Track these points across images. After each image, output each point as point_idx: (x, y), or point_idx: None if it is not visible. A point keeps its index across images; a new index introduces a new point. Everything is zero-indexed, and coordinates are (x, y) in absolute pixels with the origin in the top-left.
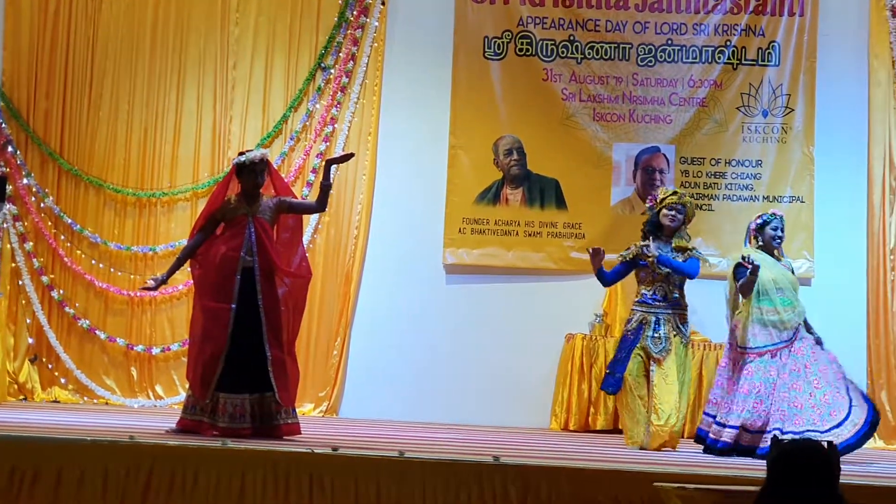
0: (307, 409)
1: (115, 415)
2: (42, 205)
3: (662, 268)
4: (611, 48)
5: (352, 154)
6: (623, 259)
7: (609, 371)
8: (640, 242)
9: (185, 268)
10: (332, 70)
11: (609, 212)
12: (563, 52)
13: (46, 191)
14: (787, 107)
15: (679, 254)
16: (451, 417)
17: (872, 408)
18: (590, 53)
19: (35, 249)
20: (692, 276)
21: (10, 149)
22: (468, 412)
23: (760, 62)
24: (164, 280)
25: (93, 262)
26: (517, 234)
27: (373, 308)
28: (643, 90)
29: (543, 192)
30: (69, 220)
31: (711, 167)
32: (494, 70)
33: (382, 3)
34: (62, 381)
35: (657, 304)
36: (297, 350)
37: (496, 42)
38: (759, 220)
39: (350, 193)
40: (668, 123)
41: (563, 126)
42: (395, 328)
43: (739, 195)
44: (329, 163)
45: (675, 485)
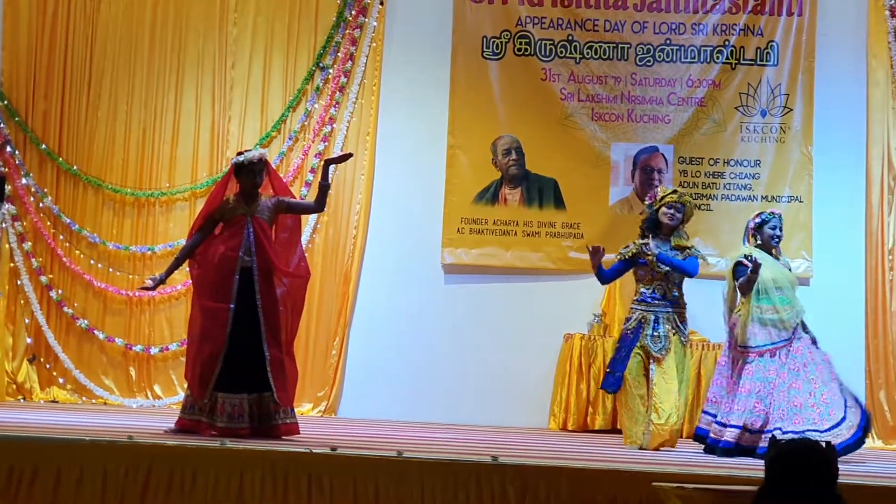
0: (306, 409)
1: (114, 415)
2: (41, 205)
3: (662, 266)
4: (609, 48)
5: (350, 154)
6: (622, 257)
7: (609, 370)
8: (640, 241)
9: (184, 267)
10: (331, 70)
11: (607, 211)
12: (562, 52)
13: (45, 191)
14: (786, 106)
15: (678, 252)
16: (450, 417)
17: (865, 411)
18: (588, 53)
19: (34, 249)
20: (692, 275)
21: (9, 149)
22: (467, 412)
23: (759, 62)
24: (163, 280)
25: (91, 262)
26: (516, 234)
27: (371, 308)
28: (642, 90)
29: (542, 192)
30: (68, 220)
31: (710, 167)
32: (493, 70)
33: (381, 3)
34: (61, 381)
35: (656, 303)
36: (296, 350)
37: (494, 42)
38: (758, 219)
39: (349, 193)
40: (667, 123)
41: (562, 126)
42: (394, 328)
43: (738, 195)
44: (328, 163)
45: (674, 485)
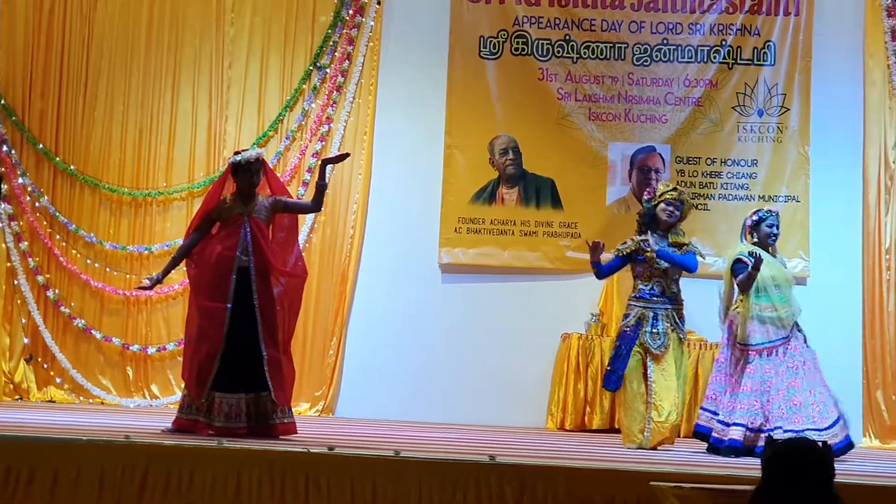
0: (303, 409)
1: (111, 414)
2: (37, 204)
3: (662, 262)
4: (606, 48)
5: (347, 154)
6: (619, 253)
7: (610, 369)
8: (638, 237)
9: (181, 267)
10: (328, 69)
11: (605, 211)
12: (559, 52)
13: (42, 190)
14: (783, 106)
15: (676, 249)
16: (448, 417)
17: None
18: (585, 53)
19: (30, 249)
20: (692, 270)
21: (6, 148)
22: (464, 412)
23: (756, 62)
24: (160, 279)
25: (88, 262)
26: (513, 234)
27: (369, 307)
28: (639, 90)
29: (539, 192)
30: (64, 220)
31: (707, 167)
32: (490, 69)
33: (378, 3)
34: (58, 381)
35: (655, 300)
36: (293, 349)
37: (492, 41)
38: (755, 217)
39: (346, 193)
40: (664, 123)
41: (559, 125)
42: (391, 328)
43: (735, 195)
44: (325, 163)
45: (672, 484)
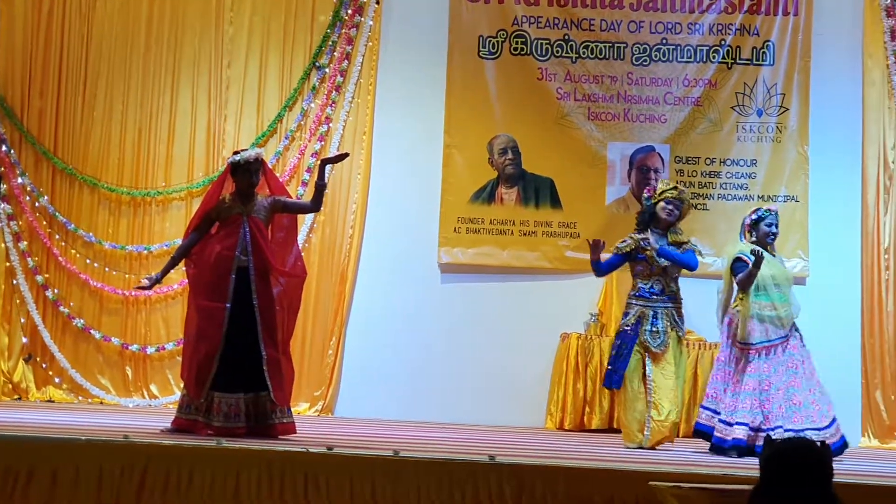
0: (302, 409)
1: (110, 414)
2: (36, 204)
3: (662, 260)
4: (605, 47)
5: (346, 154)
6: (618, 251)
7: (611, 368)
8: (638, 235)
9: (180, 267)
10: (327, 69)
11: (604, 211)
12: (558, 52)
13: (41, 190)
14: (782, 106)
15: (676, 248)
16: (447, 417)
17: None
18: (584, 53)
19: (29, 249)
20: (693, 268)
21: (4, 148)
22: (463, 411)
23: (755, 61)
24: (159, 279)
25: (87, 262)
26: (512, 234)
27: (368, 307)
28: (638, 89)
29: (538, 192)
30: (63, 220)
31: (706, 166)
32: (489, 69)
33: (377, 2)
34: (57, 381)
35: (655, 298)
36: (292, 349)
37: (491, 41)
38: (755, 216)
39: (345, 193)
40: (663, 123)
41: (558, 125)
42: (390, 327)
43: (734, 194)
44: (324, 162)
45: (671, 484)
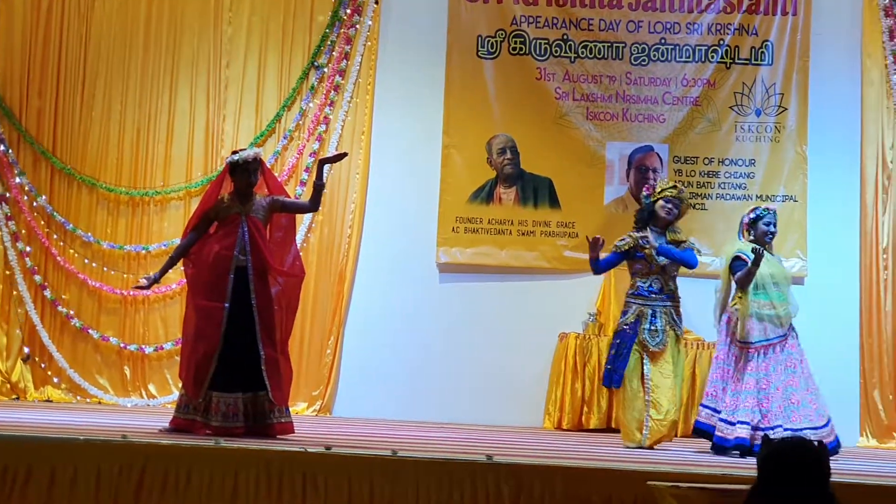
0: (300, 408)
1: (108, 414)
2: (35, 204)
3: (661, 258)
4: (604, 47)
5: (345, 153)
6: (617, 249)
7: (610, 367)
8: (637, 233)
9: (179, 266)
10: (326, 69)
11: (602, 211)
12: (557, 52)
13: (39, 190)
14: (781, 106)
15: (675, 246)
16: (445, 416)
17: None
18: (583, 52)
19: (27, 249)
20: (692, 266)
21: (2, 147)
22: (462, 411)
23: (753, 61)
24: (157, 279)
25: (86, 262)
26: (510, 234)
27: (366, 307)
28: (636, 89)
29: (537, 191)
30: (62, 219)
31: (705, 166)
32: (488, 69)
33: (376, 2)
34: (55, 381)
35: (653, 297)
36: (291, 349)
37: (489, 41)
38: (753, 215)
39: (343, 192)
40: (662, 122)
41: (557, 125)
42: (389, 327)
43: (733, 194)
44: (322, 162)
45: (669, 483)
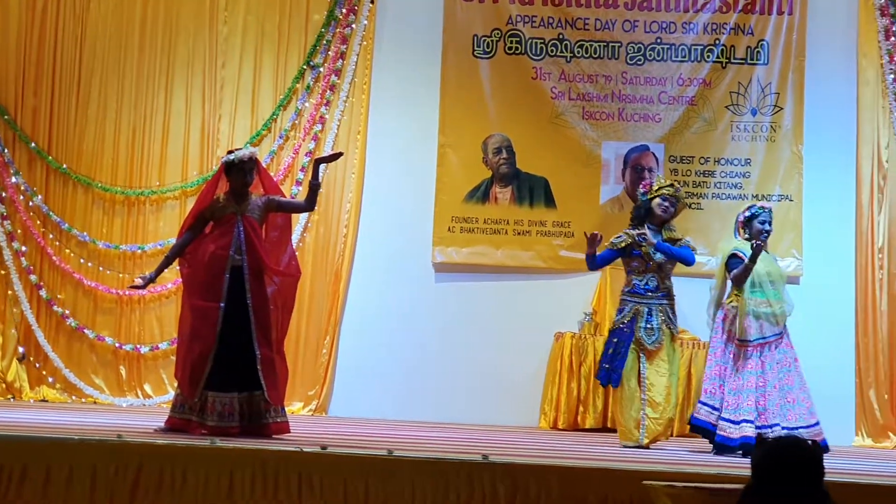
0: (296, 408)
1: (104, 414)
2: (30, 203)
3: (658, 256)
4: (600, 47)
5: (341, 153)
6: (613, 246)
7: (609, 367)
8: (634, 231)
9: (174, 266)
10: (321, 68)
11: (598, 210)
12: (553, 51)
13: (34, 189)
14: (776, 105)
15: (671, 244)
16: (441, 416)
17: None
18: (579, 52)
19: (23, 248)
20: (690, 263)
21: None
22: (457, 411)
23: (749, 61)
24: (153, 279)
25: (81, 261)
26: (506, 233)
27: (362, 306)
28: (632, 89)
29: (532, 191)
30: (57, 219)
31: (700, 165)
32: (483, 68)
33: (371, 2)
34: (50, 380)
35: (649, 295)
36: (287, 348)
37: (485, 40)
38: (748, 213)
39: (339, 192)
40: (658, 122)
41: (553, 124)
42: (385, 327)
43: (728, 193)
44: (318, 161)
45: (664, 483)
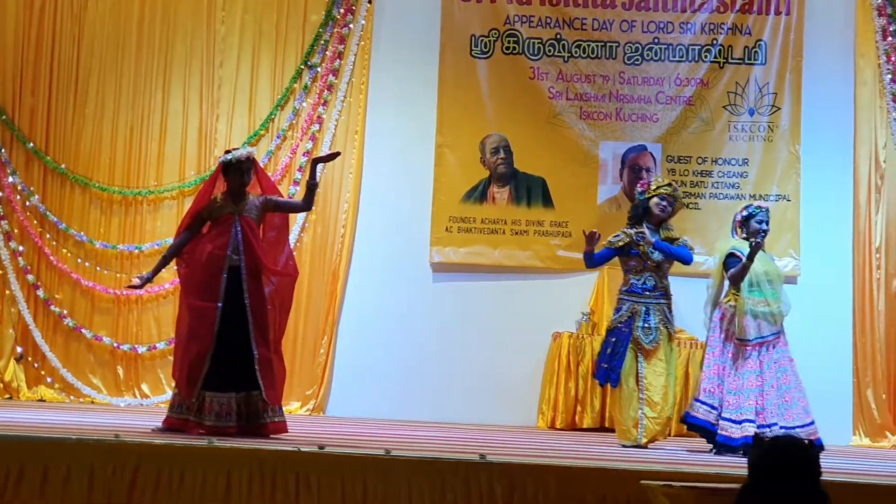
0: (294, 408)
1: (101, 413)
2: (27, 203)
3: (657, 255)
4: (597, 47)
5: (338, 153)
6: (612, 245)
7: (607, 366)
8: (633, 230)
9: (172, 266)
10: (319, 68)
11: (596, 210)
12: (550, 51)
13: (32, 189)
14: (774, 105)
15: (669, 243)
16: (438, 416)
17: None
18: (576, 52)
19: (20, 248)
20: (688, 262)
21: None
22: (455, 410)
23: (747, 61)
24: (150, 278)
25: (79, 261)
26: (504, 233)
27: (359, 306)
28: (630, 89)
29: (530, 191)
30: (55, 219)
31: (698, 165)
32: (481, 68)
33: (369, 2)
34: (48, 380)
35: (647, 294)
36: (284, 348)
37: (483, 40)
38: (745, 212)
39: (337, 192)
40: (655, 122)
41: (550, 124)
42: (382, 327)
43: (726, 193)
44: (315, 161)
45: (662, 483)
